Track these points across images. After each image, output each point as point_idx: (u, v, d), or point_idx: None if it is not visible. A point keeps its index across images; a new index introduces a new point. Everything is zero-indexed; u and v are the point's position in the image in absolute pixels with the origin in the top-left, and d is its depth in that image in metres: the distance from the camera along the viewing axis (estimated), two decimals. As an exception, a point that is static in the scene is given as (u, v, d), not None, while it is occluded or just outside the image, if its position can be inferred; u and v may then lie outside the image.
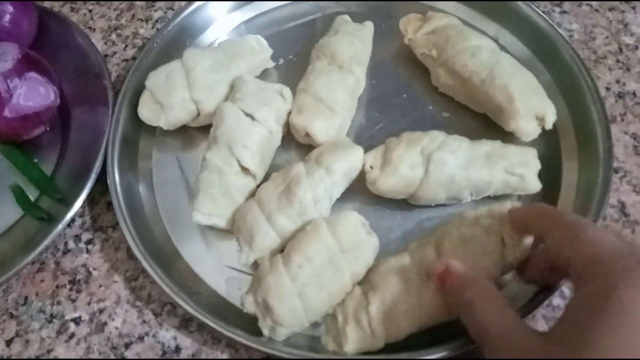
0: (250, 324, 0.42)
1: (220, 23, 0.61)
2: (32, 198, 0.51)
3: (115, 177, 0.49)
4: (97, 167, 0.49)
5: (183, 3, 0.63)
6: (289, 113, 0.51)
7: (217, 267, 0.48)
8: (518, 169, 0.46)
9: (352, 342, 0.40)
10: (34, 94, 0.51)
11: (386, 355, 0.40)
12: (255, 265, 0.45)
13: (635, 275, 0.30)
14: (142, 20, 0.63)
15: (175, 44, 0.57)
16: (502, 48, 0.55)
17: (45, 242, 0.46)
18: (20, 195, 0.51)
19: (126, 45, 0.61)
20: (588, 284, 0.31)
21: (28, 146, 0.54)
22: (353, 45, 0.52)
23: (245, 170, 0.48)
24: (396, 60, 0.57)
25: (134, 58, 0.60)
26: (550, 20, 0.54)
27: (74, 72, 0.56)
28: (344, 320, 0.41)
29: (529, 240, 0.41)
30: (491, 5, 0.57)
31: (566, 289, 0.44)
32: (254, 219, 0.45)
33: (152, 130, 0.54)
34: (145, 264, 0.45)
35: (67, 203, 0.49)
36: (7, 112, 0.49)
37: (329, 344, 0.42)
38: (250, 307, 0.42)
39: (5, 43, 0.51)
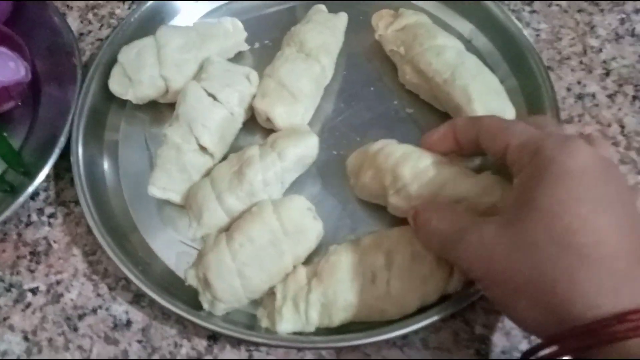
0: (194, 299, 0.44)
1: (200, 4, 0.62)
2: (-1, 171, 0.53)
3: (79, 151, 0.51)
4: (61, 141, 0.51)
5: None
6: (253, 96, 0.52)
7: (169, 241, 0.50)
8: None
9: (285, 323, 0.42)
10: (4, 69, 0.52)
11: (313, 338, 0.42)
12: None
13: (565, 143, 0.34)
14: (119, 0, 0.64)
15: (152, 22, 0.58)
16: (476, 49, 0.56)
17: (7, 214, 0.48)
18: (-13, 167, 0.52)
19: (101, 25, 0.63)
20: (525, 166, 0.36)
21: (-1, 120, 0.55)
22: (322, 34, 0.53)
23: (203, 149, 0.49)
24: (369, 53, 0.58)
25: (107, 37, 0.61)
26: (516, 20, 0.55)
27: (46, 49, 0.58)
28: (282, 300, 0.42)
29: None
30: (465, 4, 0.58)
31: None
32: (204, 196, 0.47)
33: (123, 103, 0.55)
34: (101, 240, 0.47)
35: (32, 177, 0.50)
36: (-25, 85, 0.51)
37: (262, 321, 0.44)
38: (192, 280, 0.44)
39: (-22, 18, 0.53)
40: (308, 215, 0.45)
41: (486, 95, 0.49)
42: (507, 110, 0.49)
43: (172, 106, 0.54)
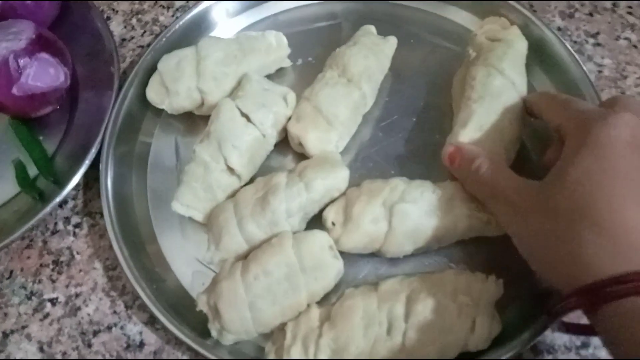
0: (205, 322, 0.44)
1: (245, 15, 0.62)
2: (31, 176, 0.54)
3: (108, 161, 0.52)
4: (92, 152, 0.51)
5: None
6: (289, 118, 0.51)
7: (187, 259, 0.50)
8: (480, 213, 0.45)
9: None
10: (43, 75, 0.53)
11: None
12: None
13: (605, 117, 0.37)
14: (163, 7, 0.65)
15: (196, 30, 0.59)
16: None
17: (34, 221, 0.49)
18: (21, 172, 0.54)
19: (144, 32, 0.63)
20: (569, 138, 0.39)
21: (36, 123, 0.57)
22: (367, 59, 0.52)
23: (230, 169, 0.49)
24: (415, 80, 0.56)
25: (149, 45, 0.61)
26: (575, 53, 0.51)
27: (87, 55, 0.59)
28: (292, 340, 0.42)
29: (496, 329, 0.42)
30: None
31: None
32: (226, 220, 0.46)
33: (159, 110, 0.55)
34: (120, 257, 0.47)
35: (60, 185, 0.51)
36: (15, 90, 0.52)
37: (270, 354, 0.43)
38: (202, 306, 0.44)
39: (23, 21, 0.54)
40: (329, 252, 0.44)
41: (484, 134, 0.47)
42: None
43: (207, 118, 0.54)
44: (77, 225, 0.52)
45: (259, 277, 0.42)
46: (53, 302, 0.49)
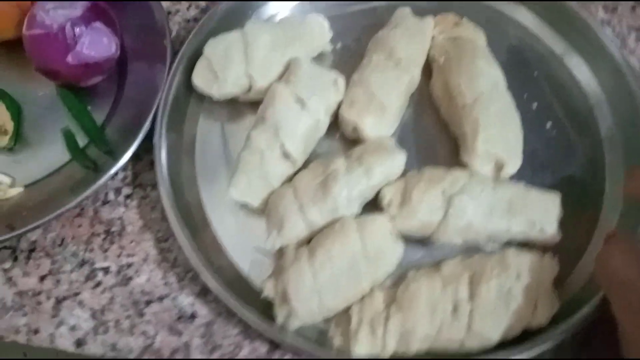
0: (263, 305, 0.45)
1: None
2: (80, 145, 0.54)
3: (162, 137, 0.52)
4: (146, 125, 0.52)
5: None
6: (339, 104, 0.52)
7: (242, 244, 0.51)
8: (539, 223, 0.46)
9: (361, 346, 0.43)
10: (98, 44, 0.53)
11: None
12: (280, 250, 0.48)
13: None
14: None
15: (237, 12, 0.58)
16: (566, 68, 0.55)
17: (89, 191, 0.50)
18: (70, 141, 0.55)
19: (189, 5, 0.63)
20: None
21: (83, 93, 0.57)
22: (411, 42, 0.53)
23: (286, 155, 0.50)
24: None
25: (195, 19, 0.62)
26: (619, 45, 0.52)
27: (136, 26, 0.59)
28: (358, 323, 0.43)
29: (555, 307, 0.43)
30: (560, 19, 0.56)
31: None
32: (286, 206, 0.47)
33: (202, 96, 0.56)
34: (175, 228, 0.48)
35: (113, 155, 0.52)
36: (69, 59, 0.52)
37: (335, 339, 0.45)
38: (269, 292, 0.45)
39: (78, -11, 0.53)
40: (390, 237, 0.45)
41: (496, 138, 0.48)
42: (511, 161, 0.49)
43: (251, 104, 0.55)
44: (128, 197, 0.53)
45: (325, 263, 0.44)
46: (105, 270, 0.50)
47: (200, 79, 0.54)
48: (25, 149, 0.55)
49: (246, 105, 0.56)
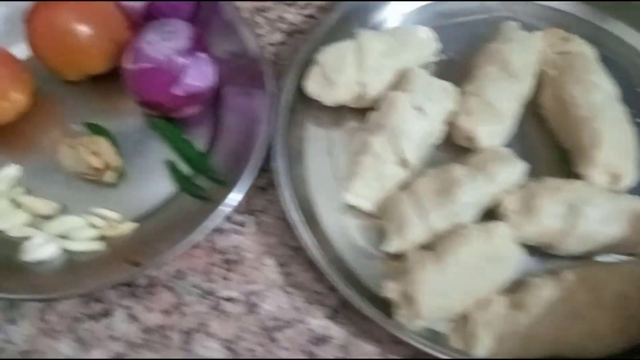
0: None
1: (389, 8, 0.63)
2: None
3: (279, 165, 0.52)
4: (257, 151, 0.52)
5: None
6: (450, 112, 0.53)
7: (351, 246, 0.51)
8: None
9: (482, 348, 0.44)
10: (201, 74, 0.54)
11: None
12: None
13: None
14: (287, 5, 0.65)
15: (343, 24, 0.59)
16: None
17: (212, 223, 0.49)
18: (176, 172, 0.54)
19: (272, 29, 0.63)
20: None
21: (178, 123, 0.57)
22: (524, 55, 0.54)
23: (403, 161, 0.51)
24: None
25: (281, 43, 0.62)
26: None
27: (228, 53, 0.58)
28: (480, 326, 0.44)
29: None
30: None
31: None
32: (406, 210, 0.48)
33: (308, 103, 0.56)
34: (317, 257, 0.48)
35: (222, 183, 0.51)
36: (176, 90, 0.52)
37: (455, 341, 0.46)
38: (392, 294, 0.46)
39: (176, 20, 0.54)
40: (511, 244, 0.46)
41: (614, 149, 0.49)
42: (629, 173, 0.49)
43: (355, 110, 0.56)
44: (241, 224, 0.53)
45: (453, 267, 0.45)
46: (229, 300, 0.50)
47: (313, 85, 0.55)
48: (126, 183, 0.55)
49: (351, 112, 0.56)
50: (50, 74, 0.58)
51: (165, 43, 0.52)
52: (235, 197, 0.50)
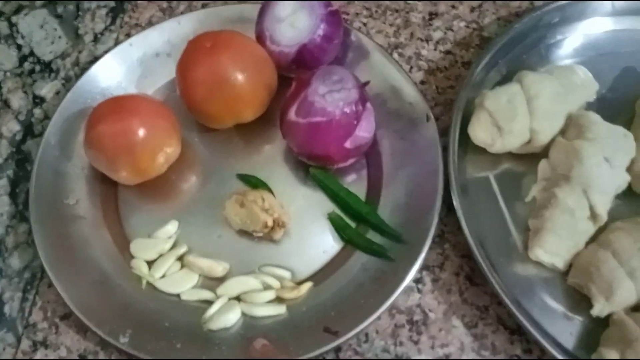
0: None
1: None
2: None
3: (462, 218, 0.50)
4: (437, 206, 0.49)
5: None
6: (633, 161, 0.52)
7: (542, 305, 0.49)
8: None
9: None
10: (369, 125, 0.52)
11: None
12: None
13: None
14: (422, 40, 0.63)
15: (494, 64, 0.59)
16: None
17: (396, 282, 0.47)
18: (343, 226, 0.52)
19: (411, 67, 0.61)
20: None
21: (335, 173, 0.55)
22: None
23: (594, 215, 0.49)
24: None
25: (422, 82, 0.60)
26: None
27: (379, 95, 0.56)
28: None
29: None
30: None
31: None
32: (612, 271, 0.47)
33: (465, 147, 0.54)
34: (523, 321, 0.46)
35: (398, 239, 0.50)
36: (348, 144, 0.50)
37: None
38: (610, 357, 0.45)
39: (338, 68, 0.52)
40: None
41: None
42: None
43: (516, 156, 0.54)
44: (418, 281, 0.51)
45: None
46: (424, 364, 0.48)
47: (481, 133, 0.53)
48: (289, 239, 0.52)
49: (509, 157, 0.54)
50: (192, 121, 0.56)
51: (337, 95, 0.49)
52: (416, 254, 0.48)
